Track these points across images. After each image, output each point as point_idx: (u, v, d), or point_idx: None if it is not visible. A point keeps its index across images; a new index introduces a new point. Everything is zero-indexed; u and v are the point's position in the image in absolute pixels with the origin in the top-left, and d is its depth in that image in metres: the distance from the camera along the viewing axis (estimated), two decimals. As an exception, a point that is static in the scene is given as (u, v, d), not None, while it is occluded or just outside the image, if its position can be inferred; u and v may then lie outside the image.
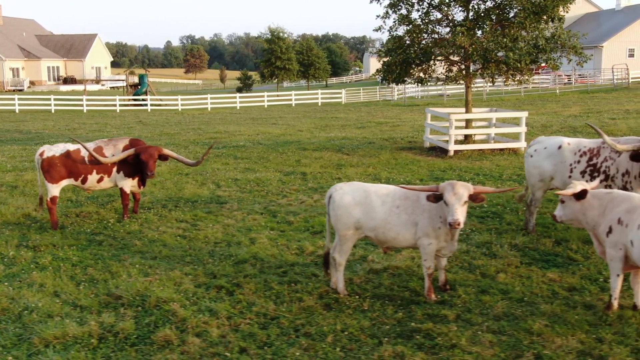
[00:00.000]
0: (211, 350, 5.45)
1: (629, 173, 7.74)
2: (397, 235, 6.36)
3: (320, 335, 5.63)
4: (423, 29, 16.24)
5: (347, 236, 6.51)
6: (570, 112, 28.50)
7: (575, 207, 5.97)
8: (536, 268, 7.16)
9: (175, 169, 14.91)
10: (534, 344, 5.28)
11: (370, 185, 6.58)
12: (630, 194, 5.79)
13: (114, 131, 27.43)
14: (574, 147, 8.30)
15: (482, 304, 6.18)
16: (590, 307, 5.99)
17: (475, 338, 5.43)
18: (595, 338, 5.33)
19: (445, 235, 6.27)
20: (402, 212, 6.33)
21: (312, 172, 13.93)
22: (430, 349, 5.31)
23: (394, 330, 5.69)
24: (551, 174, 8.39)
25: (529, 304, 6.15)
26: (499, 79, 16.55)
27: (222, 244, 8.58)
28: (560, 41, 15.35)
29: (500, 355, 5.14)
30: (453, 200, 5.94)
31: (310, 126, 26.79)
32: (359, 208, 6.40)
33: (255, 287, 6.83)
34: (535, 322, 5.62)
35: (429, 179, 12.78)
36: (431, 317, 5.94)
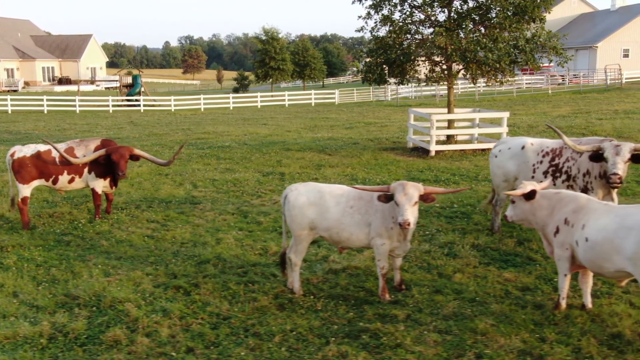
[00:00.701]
0: (159, 350, 5.47)
1: (589, 173, 7.77)
2: (350, 236, 6.39)
3: (268, 335, 5.66)
4: (405, 30, 16.26)
5: (302, 236, 6.54)
6: (560, 112, 28.53)
7: (525, 208, 6.00)
8: (494, 268, 7.19)
9: (155, 169, 14.92)
10: (477, 343, 5.31)
11: (325, 186, 6.61)
12: (577, 194, 5.82)
13: (104, 132, 27.43)
14: (537, 147, 8.33)
15: (433, 304, 6.21)
16: (540, 306, 6.02)
17: (420, 338, 5.46)
18: (539, 337, 5.35)
19: (398, 236, 6.30)
20: (356, 213, 6.36)
21: (291, 173, 13.95)
22: (374, 349, 5.34)
23: (342, 330, 5.72)
24: (515, 174, 8.42)
25: (481, 303, 6.18)
26: (481, 79, 16.55)
27: (188, 245, 8.60)
28: (540, 42, 15.37)
29: (443, 355, 5.17)
30: (403, 201, 5.98)
31: (299, 126, 26.81)
32: (313, 208, 6.43)
33: (213, 287, 6.86)
34: (482, 322, 5.65)
35: (406, 180, 12.77)
36: (381, 317, 5.97)
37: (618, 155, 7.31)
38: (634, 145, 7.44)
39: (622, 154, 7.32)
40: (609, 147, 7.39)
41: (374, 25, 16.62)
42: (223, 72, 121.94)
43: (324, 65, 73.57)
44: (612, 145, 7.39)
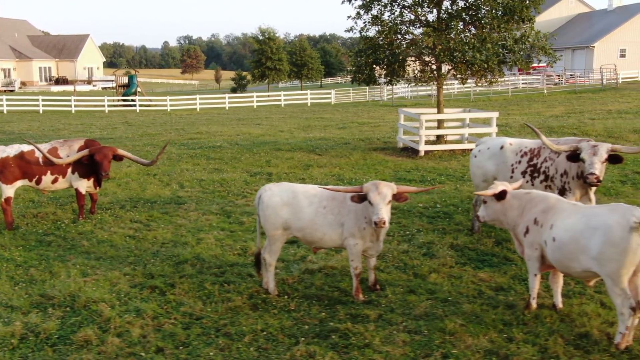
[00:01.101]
0: (128, 350, 5.48)
1: (567, 173, 7.78)
2: (323, 236, 6.40)
3: (239, 335, 5.67)
4: (394, 30, 16.26)
5: (275, 236, 6.55)
6: (553, 112, 28.55)
7: (497, 208, 6.01)
8: (469, 268, 7.20)
9: (144, 169, 14.92)
10: (445, 343, 5.32)
11: (299, 186, 6.62)
12: (547, 195, 5.83)
13: (97, 132, 27.46)
14: (516, 147, 8.35)
15: (406, 304, 6.22)
16: (512, 306, 6.03)
17: (389, 338, 5.47)
18: (507, 337, 5.36)
19: (371, 236, 6.31)
20: (329, 213, 6.37)
21: (279, 173, 13.96)
22: (343, 348, 5.35)
23: (313, 330, 5.73)
24: (494, 174, 8.43)
25: (453, 303, 6.19)
26: (470, 80, 16.56)
27: (168, 245, 8.61)
28: (529, 42, 15.38)
29: (410, 355, 5.18)
30: (377, 200, 5.98)
31: (293, 127, 26.82)
32: (286, 209, 6.44)
33: (189, 287, 6.87)
34: (452, 322, 5.66)
35: (392, 179, 12.80)
36: (353, 317, 5.98)
37: (595, 155, 7.33)
38: (611, 145, 7.47)
39: (599, 154, 7.34)
40: (586, 148, 7.41)
41: (363, 26, 16.63)
42: (222, 72, 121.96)
43: (322, 65, 73.58)
44: (589, 146, 7.41)
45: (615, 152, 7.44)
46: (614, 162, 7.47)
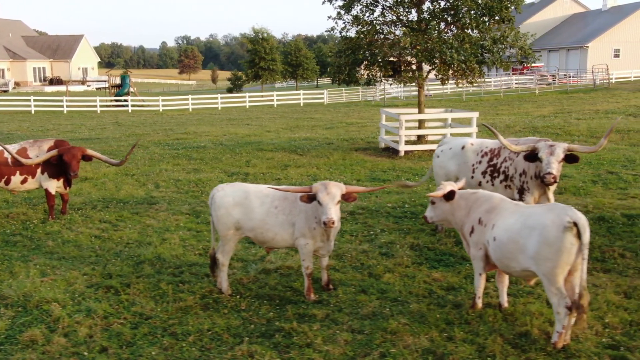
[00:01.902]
0: (73, 349, 5.49)
1: (525, 173, 7.81)
2: (275, 236, 6.43)
3: (184, 335, 5.69)
4: (376, 30, 16.28)
5: (228, 236, 6.58)
6: (542, 112, 28.59)
7: (445, 208, 6.03)
8: (425, 268, 7.22)
9: (123, 169, 14.96)
10: (386, 342, 5.34)
11: (251, 186, 6.65)
12: (492, 194, 5.86)
13: (87, 132, 27.49)
14: (477, 147, 8.38)
15: (355, 304, 6.25)
16: (459, 306, 6.05)
17: (332, 337, 5.49)
18: (447, 337, 5.39)
19: (321, 236, 6.33)
20: (280, 213, 6.40)
21: (255, 173, 13.99)
22: (284, 348, 5.37)
23: (258, 330, 5.75)
24: (456, 174, 8.46)
25: (402, 303, 6.21)
26: (451, 80, 16.59)
27: (132, 245, 8.63)
28: (507, 42, 15.41)
29: (349, 354, 5.20)
30: (326, 200, 6.01)
31: (280, 127, 26.85)
32: (238, 209, 6.46)
33: (144, 287, 6.88)
34: (396, 321, 5.68)
35: (367, 179, 12.85)
36: (301, 316, 6.00)
37: (552, 155, 7.36)
38: (568, 145, 7.49)
39: (556, 154, 7.36)
40: (543, 147, 7.44)
41: (344, 26, 16.66)
42: (219, 72, 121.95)
43: (317, 65, 73.55)
44: (546, 146, 7.44)
45: (571, 152, 7.46)
46: (571, 161, 7.49)
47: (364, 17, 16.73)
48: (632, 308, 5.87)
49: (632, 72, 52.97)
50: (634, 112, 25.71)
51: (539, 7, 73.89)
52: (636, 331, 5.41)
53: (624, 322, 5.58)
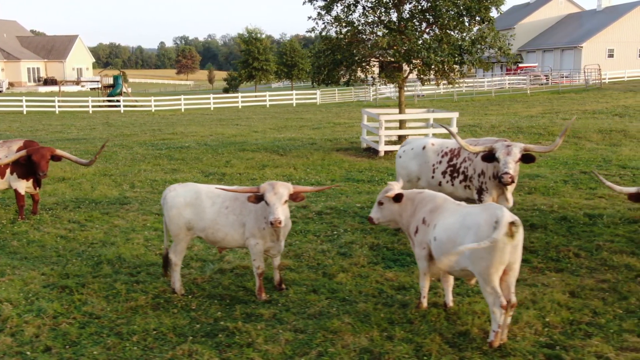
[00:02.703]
0: (17, 349, 5.52)
1: (484, 174, 7.84)
2: (225, 236, 6.46)
3: (129, 334, 5.72)
4: (358, 31, 16.30)
5: (179, 236, 6.61)
6: (530, 112, 28.60)
7: (394, 209, 6.05)
8: (380, 267, 7.25)
9: (102, 170, 14.99)
10: (326, 341, 5.37)
11: (203, 186, 6.68)
12: (436, 195, 5.88)
13: (75, 132, 27.50)
14: (438, 147, 8.41)
15: (304, 303, 6.27)
16: (405, 305, 6.08)
17: (274, 336, 5.51)
18: (387, 336, 5.42)
19: (271, 236, 6.36)
20: (231, 213, 6.43)
21: (232, 173, 14.01)
22: (226, 347, 5.40)
23: (204, 329, 5.78)
24: (417, 174, 8.49)
25: (350, 302, 6.24)
26: (431, 81, 16.62)
27: (96, 245, 8.65)
28: (486, 42, 15.44)
29: (288, 353, 5.23)
30: (274, 200, 6.04)
31: (268, 127, 26.87)
32: (190, 209, 6.50)
33: (99, 287, 6.91)
34: (339, 321, 5.71)
35: (342, 180, 12.89)
36: (248, 316, 6.03)
37: (509, 155, 7.39)
38: (524, 145, 7.53)
39: (513, 154, 7.40)
40: (500, 148, 7.47)
41: (324, 26, 16.67)
42: (218, 72, 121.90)
43: (312, 65, 73.38)
44: (503, 146, 7.47)
45: (528, 152, 7.49)
46: (527, 161, 7.53)
47: (345, 17, 16.75)
48: (576, 307, 5.90)
49: (626, 72, 53.02)
50: (621, 113, 25.75)
51: (534, 7, 73.97)
52: (575, 330, 5.44)
53: (565, 321, 5.61)
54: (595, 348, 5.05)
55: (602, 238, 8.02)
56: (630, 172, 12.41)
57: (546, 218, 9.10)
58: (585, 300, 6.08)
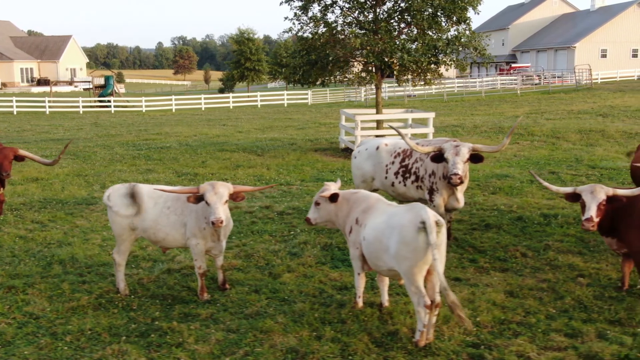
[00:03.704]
0: (-49, 349, 5.54)
1: (435, 174, 7.86)
2: (166, 236, 6.48)
3: (64, 334, 5.73)
4: (337, 31, 16.31)
5: (123, 237, 6.63)
6: (516, 112, 28.63)
7: (330, 209, 6.08)
8: (327, 267, 7.27)
9: (77, 170, 15.02)
10: (255, 341, 5.39)
11: (146, 187, 6.69)
12: (369, 195, 5.90)
13: (62, 132, 27.51)
14: (391, 148, 8.43)
15: (243, 303, 6.29)
16: (343, 305, 6.10)
17: (205, 336, 5.53)
18: (317, 336, 5.44)
19: (212, 236, 6.39)
20: (172, 213, 6.45)
21: (205, 174, 14.04)
22: (155, 347, 5.42)
23: (139, 329, 5.80)
24: (372, 174, 8.52)
25: (289, 302, 6.26)
26: (408, 81, 16.64)
27: (53, 245, 8.67)
28: (462, 43, 15.47)
29: (215, 353, 5.25)
30: (214, 200, 6.06)
31: (254, 127, 26.90)
32: (132, 209, 6.51)
33: (45, 287, 6.93)
34: (272, 321, 5.73)
35: (311, 180, 12.91)
36: (185, 315, 6.05)
37: (458, 155, 7.42)
38: (472, 145, 7.56)
39: (461, 154, 7.43)
40: (449, 148, 7.50)
41: (300, 27, 16.69)
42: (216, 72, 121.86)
43: (307, 65, 73.39)
44: (451, 146, 7.50)
45: (476, 152, 7.52)
46: (475, 161, 7.55)
47: (323, 17, 16.76)
48: (511, 307, 5.92)
49: (618, 72, 53.12)
50: (605, 113, 25.78)
51: (529, 8, 74.07)
52: (504, 330, 5.47)
53: (496, 320, 5.63)
54: (518, 347, 5.07)
55: (552, 238, 8.05)
56: (598, 172, 12.44)
57: (503, 218, 9.12)
58: (522, 300, 6.11)
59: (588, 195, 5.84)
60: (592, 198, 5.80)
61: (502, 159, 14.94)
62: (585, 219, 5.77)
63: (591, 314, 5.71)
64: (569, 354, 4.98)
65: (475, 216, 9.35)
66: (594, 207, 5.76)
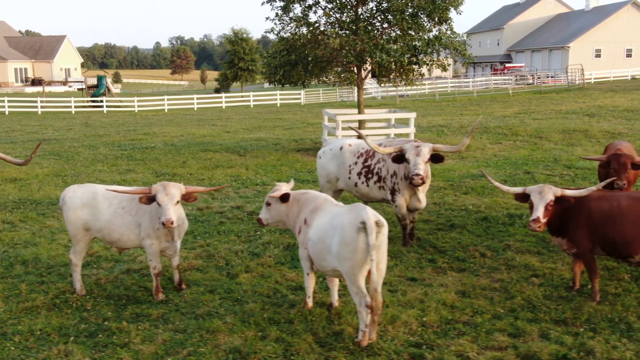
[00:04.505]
0: None
1: (396, 175, 7.88)
2: (121, 237, 6.50)
3: (13, 334, 5.74)
4: (319, 32, 16.31)
5: (77, 237, 6.65)
6: (505, 112, 28.64)
7: (281, 209, 6.09)
8: (285, 268, 7.28)
9: (57, 170, 15.04)
10: (200, 341, 5.41)
11: (102, 187, 6.71)
12: (318, 195, 5.92)
13: (50, 132, 27.55)
14: (354, 148, 8.45)
15: (196, 304, 6.31)
16: (293, 305, 6.11)
17: (152, 337, 5.55)
18: (262, 335, 5.46)
19: (166, 236, 6.41)
20: (127, 214, 6.46)
21: (184, 174, 14.05)
22: (101, 347, 5.43)
23: (89, 329, 5.81)
24: (336, 174, 8.53)
25: (241, 303, 6.28)
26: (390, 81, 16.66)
27: (19, 245, 8.67)
28: (441, 42, 15.49)
29: (160, 353, 5.27)
30: (165, 201, 6.08)
31: (243, 127, 26.92)
32: (86, 209, 6.53)
33: (3, 287, 6.94)
34: (220, 321, 5.75)
35: (288, 180, 12.90)
36: (137, 316, 6.07)
37: (418, 156, 7.44)
38: (433, 145, 7.58)
39: (422, 155, 7.45)
40: (409, 149, 7.52)
41: (282, 27, 16.68)
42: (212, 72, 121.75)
43: (302, 65, 73.38)
44: (412, 147, 7.52)
45: (437, 152, 7.54)
46: (436, 161, 7.58)
47: (305, 17, 16.76)
48: (460, 307, 5.94)
49: (611, 72, 53.16)
50: (593, 113, 25.82)
51: (524, 7, 74.14)
52: (450, 330, 5.48)
53: (443, 320, 5.65)
54: (458, 347, 5.09)
55: (514, 238, 8.07)
56: (572, 172, 12.47)
57: (469, 218, 9.14)
58: (473, 300, 6.13)
59: (536, 195, 5.86)
60: (539, 199, 5.82)
61: (481, 159, 14.97)
62: (532, 220, 5.80)
63: (538, 313, 5.73)
64: (508, 353, 5.00)
65: (443, 216, 9.37)
66: (541, 208, 5.78)
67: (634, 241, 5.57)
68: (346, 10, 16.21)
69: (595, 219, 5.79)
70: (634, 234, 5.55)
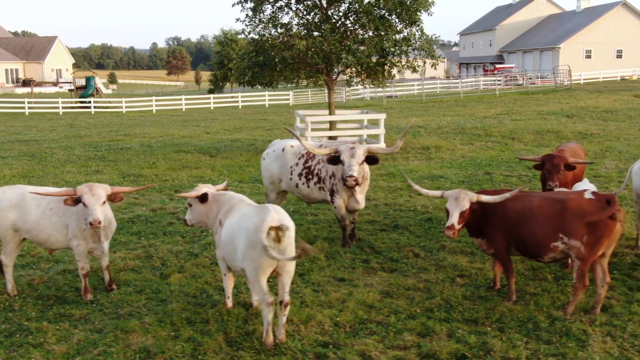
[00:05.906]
0: None
1: (334, 176, 7.94)
2: (49, 237, 6.55)
3: None
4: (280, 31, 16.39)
5: (7, 238, 6.70)
6: (487, 113, 28.74)
7: (201, 210, 6.14)
8: (219, 268, 7.31)
9: (26, 171, 15.08)
10: (114, 341, 5.46)
11: (30, 188, 6.76)
12: (233, 196, 5.96)
13: (34, 133, 27.58)
14: (296, 149, 8.50)
15: (121, 304, 6.36)
16: (215, 305, 6.17)
17: (68, 337, 5.60)
18: (174, 335, 5.50)
19: (93, 237, 6.46)
20: (54, 215, 6.52)
21: (150, 175, 14.10)
22: (17, 347, 5.48)
23: (9, 330, 5.85)
24: (278, 176, 8.59)
25: (166, 303, 6.33)
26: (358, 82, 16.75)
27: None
28: (409, 44, 15.56)
29: (71, 352, 5.32)
30: (92, 201, 6.14)
31: (225, 128, 26.98)
32: (15, 210, 6.59)
33: None
34: (139, 321, 5.80)
35: (250, 181, 12.99)
36: (60, 316, 6.12)
37: (353, 157, 7.50)
38: (368, 146, 7.64)
39: (356, 156, 7.51)
40: (344, 150, 7.58)
41: (252, 28, 16.74)
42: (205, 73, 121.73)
43: (295, 66, 73.43)
44: (347, 148, 7.58)
45: (371, 153, 7.60)
46: (371, 162, 7.64)
47: (274, 19, 16.82)
48: (378, 307, 6.00)
49: (601, 73, 53.30)
50: (573, 113, 25.92)
51: (516, 8, 74.29)
52: (361, 329, 5.54)
53: (356, 320, 5.71)
54: (362, 347, 5.15)
55: (453, 238, 8.11)
56: (531, 173, 12.52)
57: (414, 219, 9.20)
58: (394, 300, 6.19)
59: (452, 202, 5.92)
60: (455, 205, 5.88)
61: (447, 159, 15.02)
62: (446, 227, 5.86)
63: (452, 313, 5.79)
64: (410, 352, 5.06)
65: (389, 217, 9.43)
66: (456, 215, 5.84)
67: (543, 241, 5.63)
68: (315, 11, 16.27)
69: (510, 220, 5.85)
70: (543, 234, 5.61)
